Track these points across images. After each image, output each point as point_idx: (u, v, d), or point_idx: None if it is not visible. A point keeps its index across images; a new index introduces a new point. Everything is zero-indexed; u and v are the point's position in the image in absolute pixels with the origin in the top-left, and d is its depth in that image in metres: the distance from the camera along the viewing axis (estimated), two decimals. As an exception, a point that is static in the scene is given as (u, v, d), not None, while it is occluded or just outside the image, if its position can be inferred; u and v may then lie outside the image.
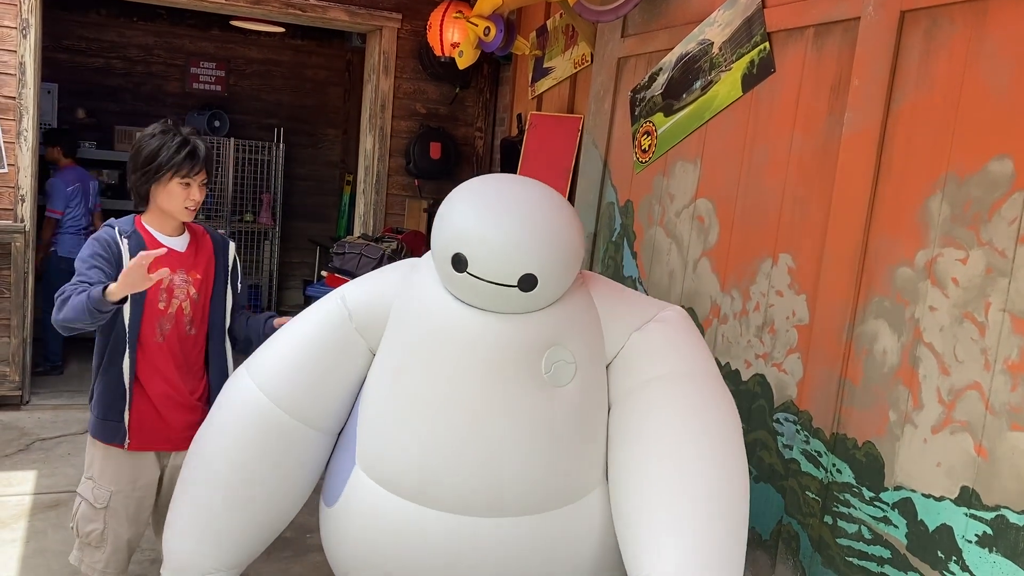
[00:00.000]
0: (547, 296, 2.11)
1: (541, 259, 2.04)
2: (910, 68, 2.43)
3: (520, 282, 2.03)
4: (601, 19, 3.65)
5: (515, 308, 2.11)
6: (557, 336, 2.14)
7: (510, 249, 2.03)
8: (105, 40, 6.93)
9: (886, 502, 2.40)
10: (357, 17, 5.26)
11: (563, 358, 2.13)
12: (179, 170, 2.38)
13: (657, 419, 2.12)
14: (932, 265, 2.32)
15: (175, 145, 2.38)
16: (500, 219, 2.08)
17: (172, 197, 2.42)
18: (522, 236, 2.05)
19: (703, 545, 1.97)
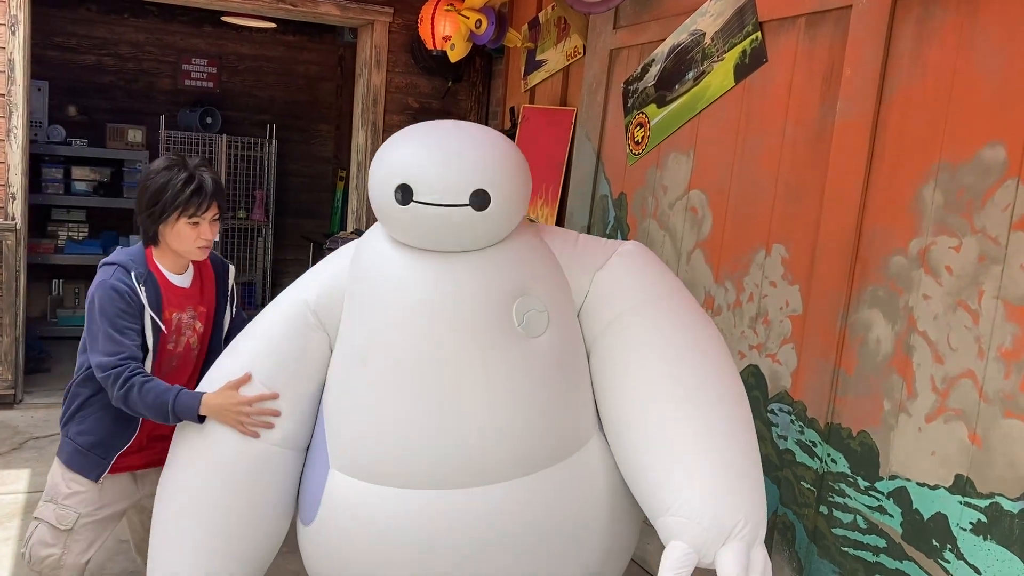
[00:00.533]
0: (501, 218, 2.01)
1: (489, 173, 1.96)
2: (902, 56, 2.42)
3: (472, 199, 1.94)
4: (593, 10, 3.63)
5: (471, 237, 2.01)
6: (523, 285, 2.06)
7: (456, 165, 1.96)
8: (96, 37, 6.88)
9: (881, 491, 2.40)
10: (348, 12, 5.24)
11: (534, 307, 2.05)
12: (185, 209, 2.24)
13: (641, 349, 2.07)
14: (926, 253, 2.32)
15: (180, 182, 2.24)
16: (442, 142, 2.02)
17: (182, 238, 2.28)
18: (467, 152, 1.98)
19: (722, 469, 1.93)
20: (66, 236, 6.51)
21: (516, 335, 2.02)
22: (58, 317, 6.45)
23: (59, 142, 6.31)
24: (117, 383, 2.16)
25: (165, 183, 2.24)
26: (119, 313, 2.21)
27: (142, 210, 2.28)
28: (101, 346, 2.20)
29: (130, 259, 2.29)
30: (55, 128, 6.34)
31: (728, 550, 1.86)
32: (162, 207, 2.24)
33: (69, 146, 6.34)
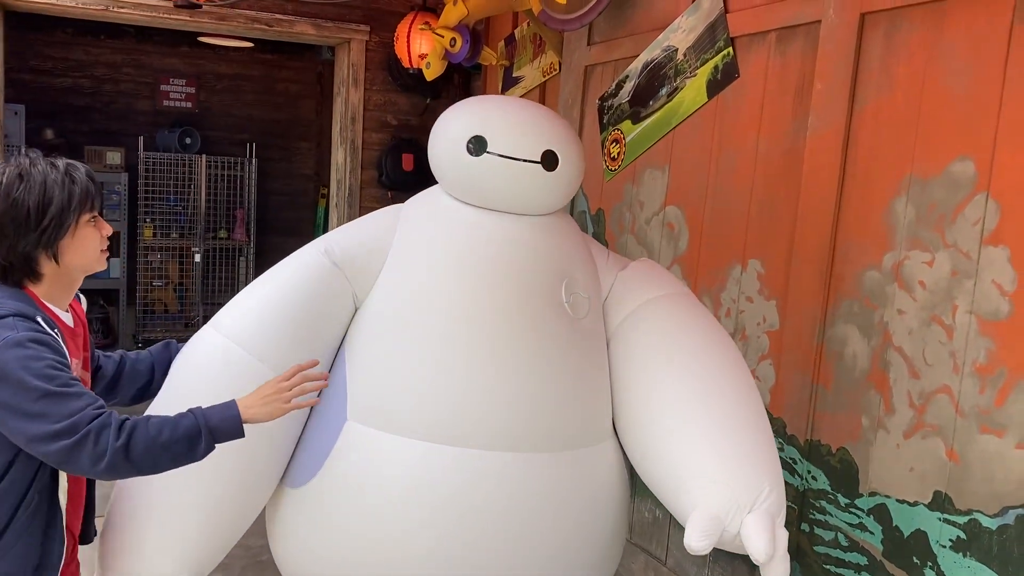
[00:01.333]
0: (565, 182, 2.13)
1: (561, 138, 2.11)
2: (871, 70, 2.42)
3: (543, 158, 2.06)
4: (566, 28, 3.62)
5: (538, 197, 2.11)
6: (570, 267, 2.15)
7: (532, 124, 2.10)
8: (72, 59, 6.86)
9: (861, 508, 2.39)
10: (324, 30, 5.23)
11: (578, 291, 2.13)
12: (83, 206, 1.74)
13: (663, 334, 2.15)
14: (899, 268, 2.31)
15: (58, 181, 1.71)
16: (516, 105, 2.20)
17: (86, 246, 1.76)
18: (540, 117, 2.14)
19: (744, 442, 1.96)
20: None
21: (563, 311, 2.09)
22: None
23: (36, 166, 6.27)
24: (110, 436, 1.60)
25: (41, 192, 1.69)
26: (53, 364, 1.62)
27: (26, 234, 1.68)
28: (54, 410, 1.59)
29: (20, 305, 1.69)
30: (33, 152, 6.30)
31: (755, 518, 1.85)
32: (59, 215, 1.70)
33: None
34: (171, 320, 6.90)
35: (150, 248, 6.73)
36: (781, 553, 1.88)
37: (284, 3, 5.03)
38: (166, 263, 6.87)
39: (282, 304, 2.06)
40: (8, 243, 1.69)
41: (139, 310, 6.67)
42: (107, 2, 4.71)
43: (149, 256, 6.75)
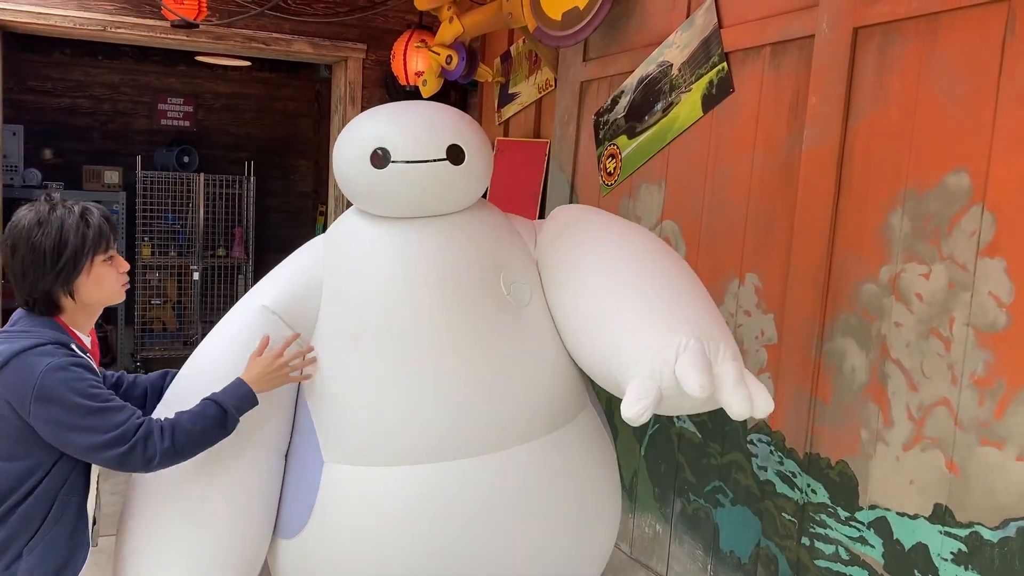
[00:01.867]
0: (475, 174, 2.12)
1: (462, 131, 2.10)
2: (865, 84, 2.43)
3: (448, 152, 2.05)
4: (561, 44, 3.64)
5: (450, 195, 2.10)
6: (502, 257, 2.15)
7: (429, 124, 2.08)
8: (70, 79, 6.89)
9: (861, 522, 2.38)
10: (321, 49, 5.25)
11: (516, 279, 2.14)
12: (97, 247, 1.91)
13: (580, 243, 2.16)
14: (896, 281, 2.31)
15: (74, 224, 1.88)
16: (410, 110, 2.15)
17: (103, 282, 1.94)
18: (437, 115, 2.12)
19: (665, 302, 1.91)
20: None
21: (506, 303, 2.09)
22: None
23: (35, 186, 6.29)
24: (156, 440, 1.85)
25: (59, 234, 1.87)
26: (93, 384, 1.84)
27: (45, 273, 1.86)
28: (101, 424, 1.81)
29: (55, 334, 1.88)
30: (31, 172, 6.33)
31: (683, 360, 1.74)
32: (73, 258, 1.87)
33: (45, 189, 6.31)
34: (170, 339, 6.89)
35: (148, 267, 6.73)
36: (731, 382, 1.75)
37: (281, 22, 5.06)
38: (164, 281, 6.88)
39: (228, 363, 2.09)
40: (29, 282, 1.88)
41: (137, 329, 6.66)
42: (105, 23, 4.73)
43: (147, 275, 6.75)
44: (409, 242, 2.09)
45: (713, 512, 2.94)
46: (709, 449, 2.97)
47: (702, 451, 3.00)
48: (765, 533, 2.69)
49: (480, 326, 2.06)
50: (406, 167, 2.02)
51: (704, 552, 2.98)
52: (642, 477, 3.32)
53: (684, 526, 3.09)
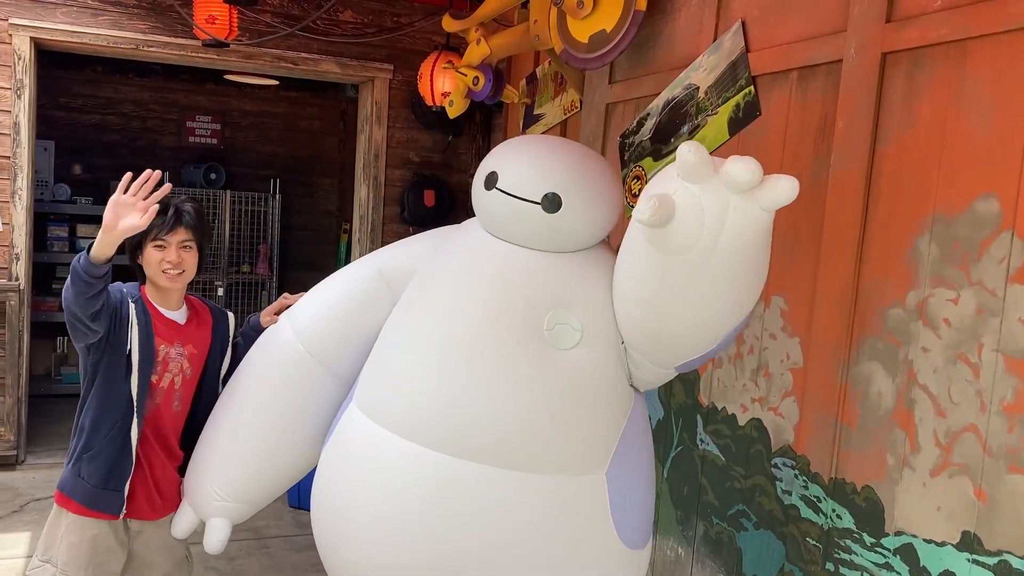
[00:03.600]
0: (571, 229, 2.17)
1: (566, 181, 2.14)
2: (893, 109, 2.44)
3: (544, 200, 2.12)
4: (588, 66, 3.67)
5: (539, 235, 2.17)
6: (566, 297, 2.16)
7: (537, 165, 2.18)
8: (101, 96, 6.99)
9: (888, 548, 2.36)
10: (349, 69, 5.31)
11: (567, 322, 2.14)
12: (149, 232, 2.33)
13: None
14: (923, 306, 2.31)
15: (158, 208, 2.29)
16: (534, 144, 2.31)
17: (150, 264, 2.41)
18: (550, 157, 2.20)
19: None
20: (71, 293, 6.54)
21: (541, 340, 2.11)
22: (62, 375, 6.46)
23: (64, 200, 6.38)
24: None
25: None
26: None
27: (132, 248, 2.40)
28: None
29: (124, 286, 2.44)
30: (60, 187, 6.42)
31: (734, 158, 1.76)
32: (138, 238, 2.33)
33: (74, 204, 6.40)
34: (193, 354, 6.94)
35: (174, 282, 6.78)
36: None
37: (309, 42, 5.13)
38: (189, 297, 6.93)
39: (332, 307, 2.43)
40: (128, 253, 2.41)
41: (162, 343, 6.71)
42: (137, 41, 4.82)
43: (173, 290, 6.80)
44: (485, 255, 2.24)
45: (736, 536, 2.93)
46: (732, 472, 2.96)
47: (725, 474, 2.99)
48: (789, 558, 2.68)
49: (500, 349, 2.12)
50: (505, 197, 2.17)
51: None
52: (664, 500, 3.30)
53: (706, 549, 3.08)
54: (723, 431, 3.02)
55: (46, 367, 6.59)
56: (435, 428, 2.12)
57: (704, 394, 3.13)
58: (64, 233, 6.41)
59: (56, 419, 5.57)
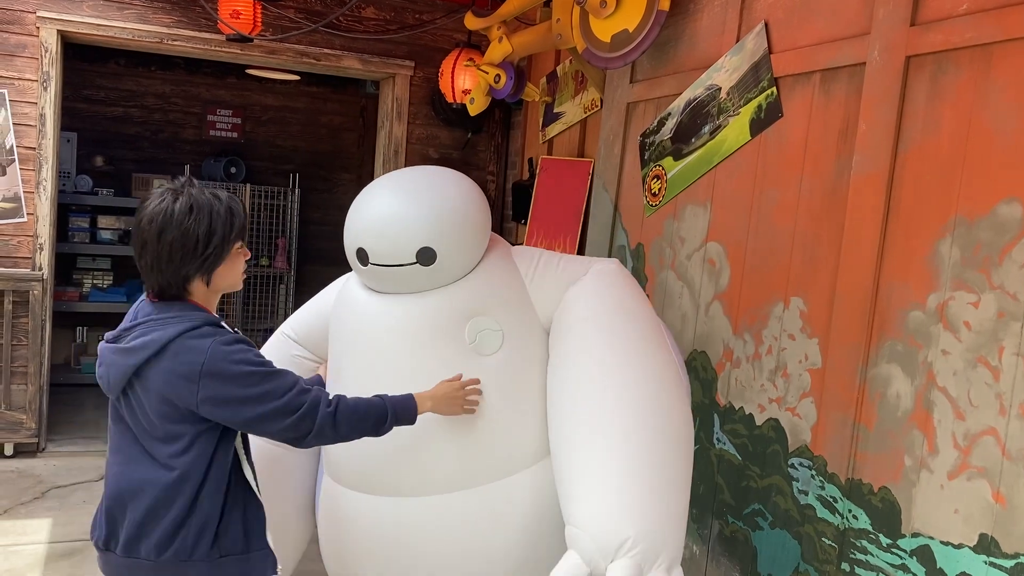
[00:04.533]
0: (453, 266, 2.23)
1: (433, 231, 2.17)
2: (916, 112, 2.44)
3: (418, 256, 2.16)
4: (609, 65, 3.69)
5: (426, 285, 2.22)
6: (479, 306, 2.23)
7: (399, 230, 2.18)
8: (124, 89, 7.05)
9: (904, 549, 2.37)
10: (370, 65, 5.35)
11: (488, 327, 2.22)
12: (240, 236, 1.95)
13: (581, 360, 2.17)
14: (944, 309, 2.31)
15: (223, 210, 1.90)
16: (390, 205, 2.22)
17: (236, 268, 1.97)
18: (409, 214, 2.19)
19: (624, 489, 1.98)
20: (91, 284, 6.62)
21: (466, 352, 2.21)
22: (82, 364, 6.52)
23: (86, 192, 6.44)
24: (322, 407, 1.92)
25: (209, 220, 1.88)
26: (257, 353, 1.92)
27: (192, 260, 1.87)
28: (276, 388, 1.87)
29: (205, 316, 1.91)
30: (82, 178, 6.48)
31: (616, 567, 1.90)
32: (220, 244, 1.89)
33: (96, 196, 6.47)
34: (211, 346, 7.00)
35: (193, 274, 6.84)
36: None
37: (332, 38, 5.16)
38: (208, 289, 6.99)
39: None
40: (174, 267, 1.88)
41: (180, 335, 6.77)
42: (162, 35, 4.86)
43: (192, 282, 6.87)
44: (381, 305, 2.29)
45: (752, 535, 2.94)
46: (749, 472, 2.97)
47: (742, 473, 3.01)
48: (804, 557, 2.69)
49: (430, 375, 2.19)
50: (382, 269, 2.22)
51: (741, 575, 2.98)
52: (680, 497, 3.32)
53: (722, 548, 3.09)
54: (740, 430, 3.03)
55: (66, 356, 6.66)
56: (385, 477, 2.24)
57: (721, 394, 3.14)
58: (86, 224, 6.48)
59: (76, 407, 5.63)
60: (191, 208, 1.87)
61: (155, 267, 1.88)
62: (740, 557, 2.99)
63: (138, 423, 1.90)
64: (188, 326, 1.85)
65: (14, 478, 4.45)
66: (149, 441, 1.89)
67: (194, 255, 1.87)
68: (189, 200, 1.88)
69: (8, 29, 4.60)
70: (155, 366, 1.84)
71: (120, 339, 1.91)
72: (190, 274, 1.89)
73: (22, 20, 4.62)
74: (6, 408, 4.69)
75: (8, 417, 4.69)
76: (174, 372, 1.82)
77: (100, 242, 6.55)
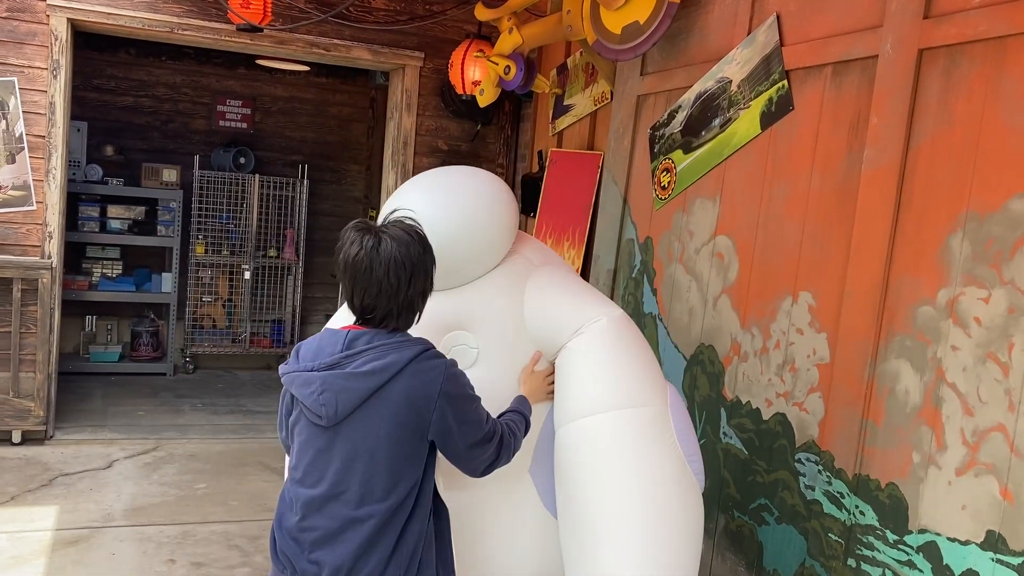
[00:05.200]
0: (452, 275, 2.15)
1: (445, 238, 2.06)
2: (929, 106, 2.42)
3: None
4: (620, 57, 3.67)
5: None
6: (463, 320, 2.19)
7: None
8: (134, 79, 7.05)
9: (911, 545, 2.36)
10: (380, 56, 5.33)
11: (464, 342, 2.19)
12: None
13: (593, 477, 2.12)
14: (954, 304, 2.30)
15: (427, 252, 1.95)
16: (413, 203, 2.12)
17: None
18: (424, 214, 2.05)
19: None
20: (100, 273, 6.63)
21: None
22: (90, 353, 6.54)
23: (96, 181, 6.46)
24: (509, 437, 1.98)
25: (424, 257, 1.93)
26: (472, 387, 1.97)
27: (420, 292, 1.93)
28: (481, 417, 1.93)
29: (427, 341, 1.96)
30: (92, 167, 6.49)
31: None
32: (431, 283, 1.97)
33: (105, 185, 6.48)
34: (219, 335, 7.02)
35: (201, 264, 6.86)
36: None
37: (342, 29, 5.15)
38: (216, 279, 7.01)
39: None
40: (425, 298, 1.96)
41: (188, 324, 6.79)
42: (172, 24, 4.86)
43: (200, 272, 6.89)
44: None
45: (758, 530, 2.93)
46: (755, 466, 2.96)
47: (748, 468, 2.99)
48: (811, 553, 2.68)
49: None
50: None
51: (747, 569, 2.97)
52: (685, 492, 3.31)
53: (727, 542, 3.08)
54: (747, 425, 3.02)
55: (75, 345, 6.69)
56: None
57: (728, 388, 3.13)
58: (95, 213, 6.50)
59: (84, 396, 5.65)
60: (410, 244, 1.90)
61: (411, 298, 1.91)
62: (746, 552, 2.99)
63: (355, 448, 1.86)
64: (421, 348, 1.88)
65: (22, 465, 4.47)
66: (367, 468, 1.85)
67: (415, 291, 1.91)
68: (420, 231, 1.94)
69: (19, 17, 4.61)
70: (395, 385, 1.84)
71: (339, 366, 1.87)
72: (419, 308, 1.95)
73: (32, 8, 4.62)
74: (14, 396, 4.71)
75: (16, 405, 4.71)
76: (416, 388, 1.84)
77: (110, 231, 6.56)
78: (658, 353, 3.53)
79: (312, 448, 1.89)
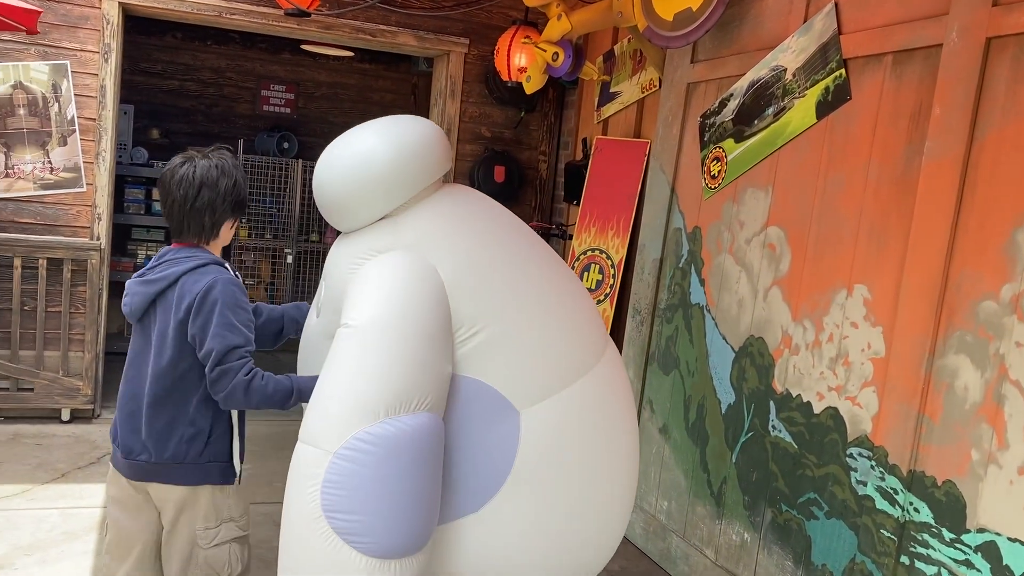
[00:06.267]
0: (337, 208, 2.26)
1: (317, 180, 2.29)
2: (996, 96, 2.37)
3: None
4: (671, 45, 3.63)
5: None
6: (328, 271, 2.27)
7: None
8: (179, 63, 7.12)
9: (968, 544, 2.32)
10: (425, 42, 5.33)
11: (321, 292, 2.29)
12: (242, 209, 2.35)
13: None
14: (1019, 300, 2.25)
15: (241, 179, 2.32)
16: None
17: (228, 236, 2.35)
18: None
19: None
20: (145, 254, 6.71)
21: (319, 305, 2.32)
22: (135, 334, 6.63)
23: (142, 164, 6.52)
24: (242, 371, 2.13)
25: (238, 179, 2.28)
26: (243, 305, 2.20)
27: (230, 206, 2.26)
28: (231, 335, 2.14)
29: (214, 257, 2.27)
30: (138, 150, 6.56)
31: None
32: (243, 202, 2.31)
33: (151, 168, 6.54)
34: (260, 319, 7.08)
35: (245, 248, 6.92)
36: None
37: (388, 14, 5.15)
38: (259, 263, 7.07)
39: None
40: (218, 212, 2.25)
41: (230, 307, 6.85)
42: (220, 8, 4.89)
43: (243, 255, 6.95)
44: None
45: (806, 524, 2.90)
46: (805, 460, 2.93)
47: (797, 462, 2.96)
48: (861, 549, 2.65)
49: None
50: None
51: (794, 564, 2.94)
52: (732, 484, 3.29)
53: (774, 536, 3.06)
54: (796, 418, 2.99)
55: (119, 325, 6.78)
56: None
57: (779, 381, 3.10)
58: (141, 196, 6.57)
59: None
60: (235, 164, 2.30)
61: (200, 212, 2.24)
62: (793, 546, 2.96)
63: (149, 344, 2.23)
64: (203, 259, 2.22)
65: (71, 443, 4.54)
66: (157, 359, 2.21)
67: (233, 202, 2.27)
68: (232, 157, 2.32)
69: (72, 1, 4.65)
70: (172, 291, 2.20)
71: (141, 276, 2.27)
72: (222, 220, 2.28)
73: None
74: (64, 374, 4.79)
75: (66, 383, 4.78)
76: (179, 300, 2.17)
77: (155, 214, 6.63)
78: (705, 344, 3.50)
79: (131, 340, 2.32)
